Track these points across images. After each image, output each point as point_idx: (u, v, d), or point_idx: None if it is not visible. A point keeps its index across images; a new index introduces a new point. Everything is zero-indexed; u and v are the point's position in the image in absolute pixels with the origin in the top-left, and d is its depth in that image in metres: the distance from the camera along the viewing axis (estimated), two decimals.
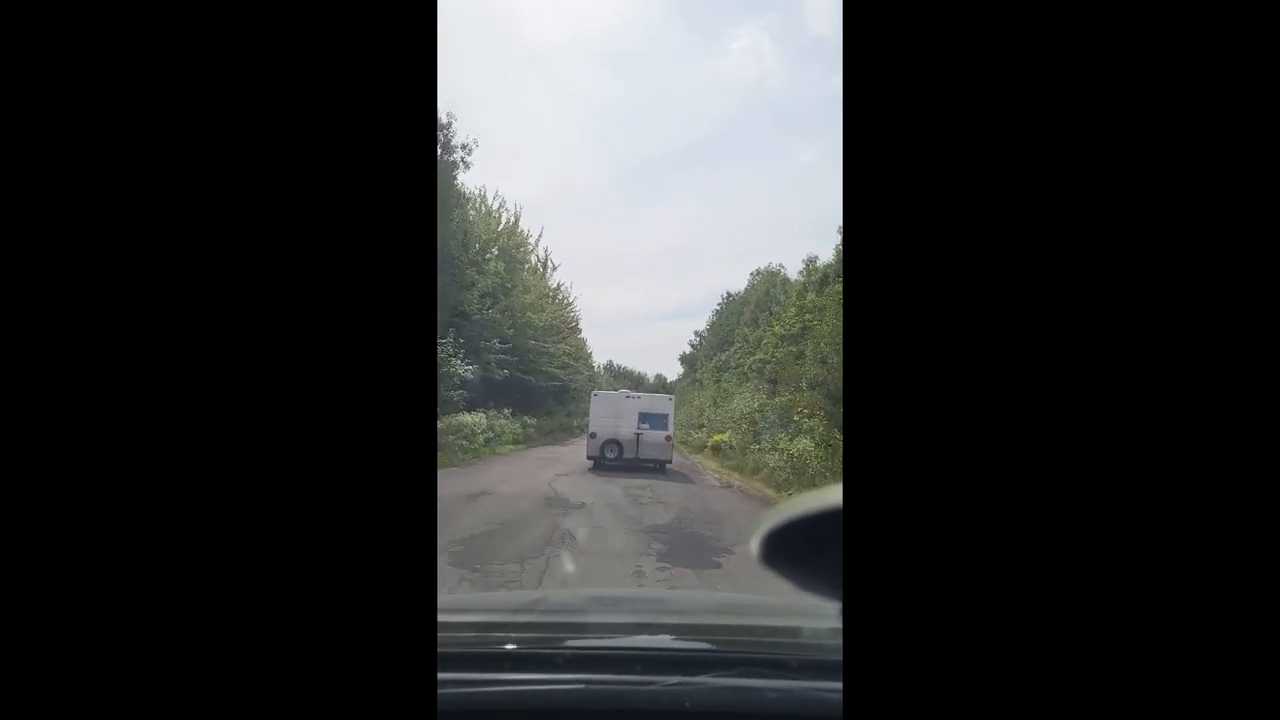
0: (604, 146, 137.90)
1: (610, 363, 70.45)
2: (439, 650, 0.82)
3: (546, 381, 28.28)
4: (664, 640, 1.33)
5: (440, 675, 0.80)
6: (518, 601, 2.29)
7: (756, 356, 19.94)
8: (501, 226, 25.28)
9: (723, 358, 35.21)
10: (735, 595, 4.25)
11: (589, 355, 51.29)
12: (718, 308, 47.34)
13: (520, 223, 26.56)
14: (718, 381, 31.54)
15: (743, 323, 34.55)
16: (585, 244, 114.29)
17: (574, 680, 0.96)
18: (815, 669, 0.98)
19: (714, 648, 1.25)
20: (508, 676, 0.98)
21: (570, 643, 1.16)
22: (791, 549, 0.55)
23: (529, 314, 25.34)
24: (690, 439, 26.62)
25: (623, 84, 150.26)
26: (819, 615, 1.22)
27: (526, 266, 27.43)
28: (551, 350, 29.43)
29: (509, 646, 1.12)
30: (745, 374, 25.82)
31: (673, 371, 61.96)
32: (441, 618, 0.96)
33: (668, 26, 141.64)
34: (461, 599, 3.02)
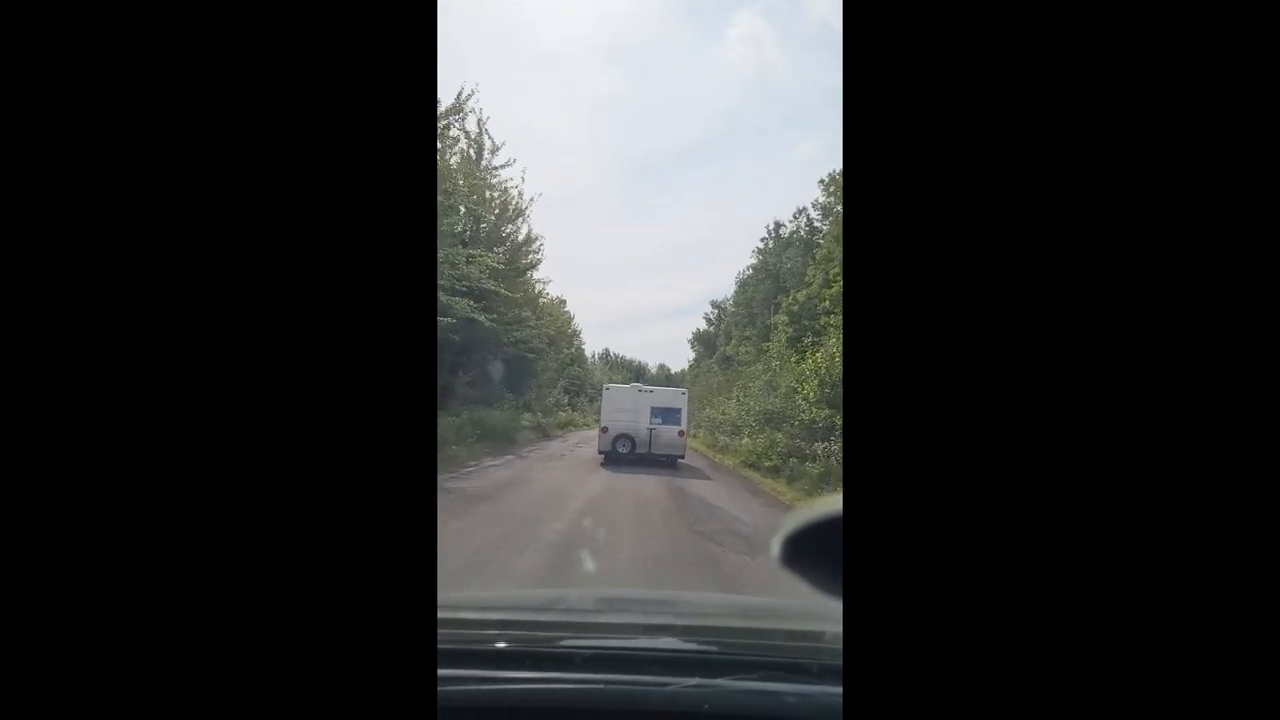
0: (606, 141, 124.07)
1: (607, 351, 60.24)
2: (458, 648, 0.93)
3: (460, 334, 13.87)
4: (683, 642, 1.33)
5: (456, 672, 0.89)
6: (537, 600, 2.24)
7: None
8: None
9: (793, 300, 20.86)
10: (751, 598, 3.98)
11: (576, 331, 36.71)
12: (760, 246, 33.29)
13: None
14: (800, 336, 17.22)
15: (828, 240, 20.30)
16: (582, 245, 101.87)
17: (592, 680, 0.96)
18: (836, 674, 0.96)
19: (734, 650, 1.25)
20: (525, 674, 0.98)
21: (588, 642, 1.16)
22: (812, 552, 0.56)
23: None
24: (769, 462, 11.66)
25: (623, 78, 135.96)
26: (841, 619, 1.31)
27: None
28: (487, 286, 15.03)
29: (528, 645, 1.14)
30: None
31: (676, 363, 58.86)
32: (459, 614, 1.18)
33: (667, 18, 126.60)
34: (481, 596, 2.76)
